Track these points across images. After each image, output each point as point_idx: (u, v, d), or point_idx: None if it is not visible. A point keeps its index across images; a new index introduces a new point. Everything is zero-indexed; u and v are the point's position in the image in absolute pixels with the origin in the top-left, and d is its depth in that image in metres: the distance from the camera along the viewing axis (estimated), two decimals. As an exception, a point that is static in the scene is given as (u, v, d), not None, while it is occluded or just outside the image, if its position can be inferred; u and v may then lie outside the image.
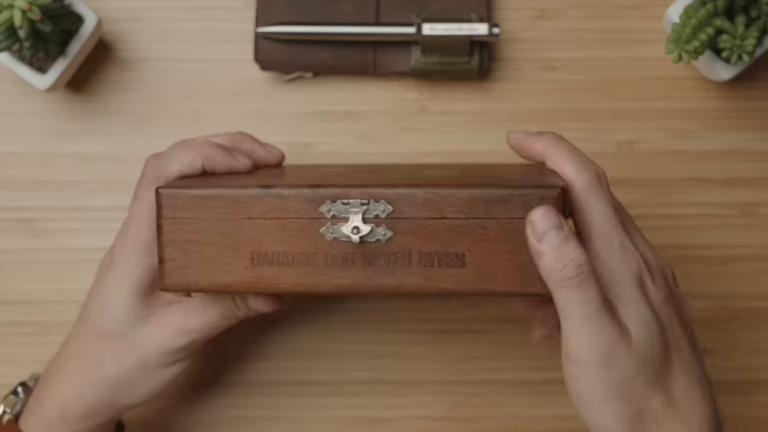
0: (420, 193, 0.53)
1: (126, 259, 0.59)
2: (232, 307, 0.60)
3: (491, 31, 0.70)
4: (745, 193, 0.73)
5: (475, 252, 0.53)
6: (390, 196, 0.53)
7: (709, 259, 0.73)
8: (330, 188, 0.53)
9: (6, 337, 0.72)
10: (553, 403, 0.73)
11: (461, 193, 0.53)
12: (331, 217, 0.53)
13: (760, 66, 0.73)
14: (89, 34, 0.69)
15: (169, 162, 0.58)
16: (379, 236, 0.53)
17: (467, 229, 0.53)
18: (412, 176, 0.58)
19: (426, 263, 0.53)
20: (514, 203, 0.52)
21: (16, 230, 0.73)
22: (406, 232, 0.53)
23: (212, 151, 0.59)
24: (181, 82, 0.74)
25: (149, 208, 0.58)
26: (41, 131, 0.73)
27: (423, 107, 0.73)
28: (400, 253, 0.53)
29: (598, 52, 0.74)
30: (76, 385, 0.60)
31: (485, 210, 0.53)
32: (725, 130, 0.73)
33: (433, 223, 0.53)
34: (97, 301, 0.60)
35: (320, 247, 0.54)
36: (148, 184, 0.58)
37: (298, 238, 0.54)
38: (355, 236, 0.53)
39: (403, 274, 0.53)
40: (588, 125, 0.73)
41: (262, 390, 0.72)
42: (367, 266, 0.54)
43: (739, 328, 0.73)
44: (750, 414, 0.73)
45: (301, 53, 0.72)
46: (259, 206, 0.54)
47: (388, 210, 0.53)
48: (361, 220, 0.53)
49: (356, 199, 0.53)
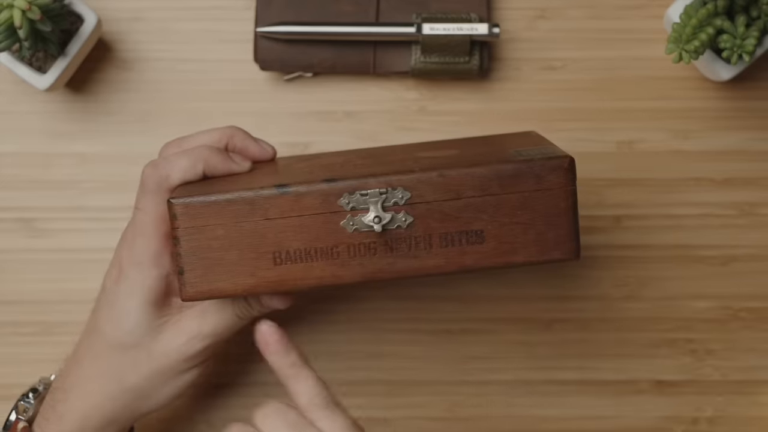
0: (436, 177, 0.54)
1: (136, 270, 0.59)
2: (247, 307, 0.60)
3: (491, 30, 0.70)
4: (745, 193, 0.73)
5: (493, 227, 0.55)
6: (407, 182, 0.54)
7: (709, 259, 0.73)
8: (347, 180, 0.54)
9: (6, 337, 0.72)
10: (553, 403, 0.73)
11: (476, 173, 0.54)
12: (350, 209, 0.54)
13: (760, 66, 0.73)
14: (89, 34, 0.69)
15: (170, 170, 0.58)
16: (400, 222, 0.54)
17: (484, 206, 0.55)
18: (415, 159, 0.59)
19: (447, 243, 0.55)
20: (527, 176, 0.54)
21: (16, 230, 0.73)
22: (425, 216, 0.54)
23: (211, 156, 0.59)
24: (181, 82, 0.73)
25: (155, 218, 0.58)
26: (41, 131, 0.73)
27: (423, 107, 0.73)
28: (421, 236, 0.55)
29: (598, 52, 0.73)
30: (95, 398, 0.60)
31: (500, 186, 0.54)
32: (725, 130, 0.73)
33: (451, 204, 0.54)
34: (110, 314, 0.60)
35: (342, 240, 0.54)
36: (150, 193, 0.58)
37: (319, 233, 0.54)
38: (377, 225, 0.54)
39: (425, 256, 0.55)
40: (588, 125, 0.73)
41: (262, 390, 0.72)
42: (389, 253, 0.55)
43: (739, 328, 0.73)
44: (750, 414, 0.73)
45: (300, 53, 0.72)
46: (276, 206, 0.54)
47: (407, 196, 0.54)
48: (381, 208, 0.54)
49: (374, 189, 0.54)
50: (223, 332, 0.60)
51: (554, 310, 0.73)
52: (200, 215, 0.54)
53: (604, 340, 0.73)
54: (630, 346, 0.73)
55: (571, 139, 0.73)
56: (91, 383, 0.60)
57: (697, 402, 0.73)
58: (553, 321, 0.73)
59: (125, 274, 0.59)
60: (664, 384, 0.73)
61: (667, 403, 0.73)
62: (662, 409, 0.73)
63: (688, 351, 0.73)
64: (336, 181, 0.54)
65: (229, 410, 0.72)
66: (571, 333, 0.73)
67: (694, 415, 0.73)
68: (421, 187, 0.54)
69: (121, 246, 0.61)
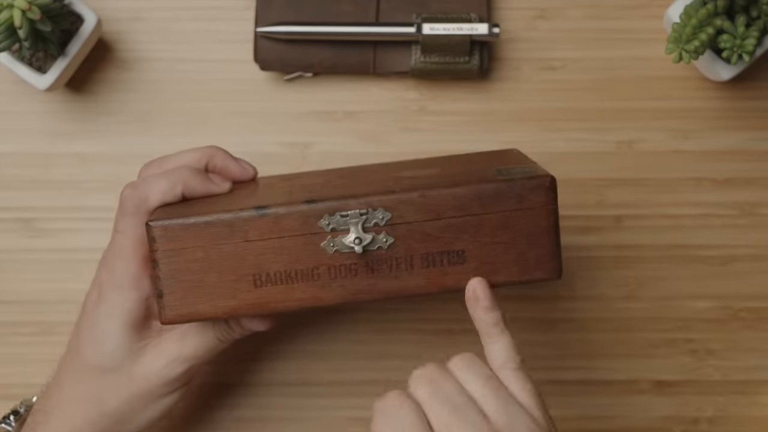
0: (417, 198, 0.54)
1: (116, 294, 0.58)
2: (228, 330, 0.60)
3: (491, 30, 0.70)
4: (745, 193, 0.73)
5: (474, 247, 0.54)
6: (387, 203, 0.54)
7: (709, 259, 0.73)
8: (327, 202, 0.54)
9: (6, 337, 0.72)
10: (553, 403, 0.72)
11: (456, 193, 0.54)
12: (330, 230, 0.54)
13: (760, 66, 0.73)
14: (89, 33, 0.69)
15: (149, 192, 0.58)
16: (381, 243, 0.54)
17: (465, 226, 0.54)
18: (395, 179, 0.58)
19: (428, 264, 0.54)
20: (507, 196, 0.54)
21: (16, 230, 0.73)
22: (406, 237, 0.54)
23: (190, 177, 0.58)
24: (181, 82, 0.73)
25: (134, 241, 0.58)
26: (41, 131, 0.73)
27: (423, 107, 0.73)
28: (402, 257, 0.54)
29: (599, 52, 0.73)
30: (75, 422, 0.60)
31: (480, 206, 0.54)
32: (725, 130, 0.73)
33: (432, 225, 0.54)
34: (90, 338, 0.59)
35: (322, 261, 0.54)
36: (129, 216, 0.58)
37: (300, 255, 0.54)
38: (357, 247, 0.53)
39: (406, 277, 0.55)
40: (588, 125, 0.73)
41: (262, 390, 0.72)
42: (370, 274, 0.54)
43: (739, 328, 0.73)
44: (750, 414, 0.73)
45: (300, 53, 0.72)
46: (256, 228, 0.54)
47: (387, 217, 0.54)
48: (361, 229, 0.54)
49: (355, 210, 0.54)
50: (203, 355, 0.60)
51: (554, 310, 0.73)
52: (179, 238, 0.54)
53: (604, 340, 0.73)
54: (630, 346, 0.73)
55: (571, 139, 0.73)
56: (71, 406, 0.60)
57: (698, 402, 0.73)
58: (553, 321, 0.73)
59: (105, 296, 0.59)
60: (664, 384, 0.73)
61: (667, 403, 0.73)
62: (662, 409, 0.73)
63: (688, 351, 0.73)
64: (316, 202, 0.54)
65: (231, 410, 0.72)
66: (571, 333, 0.73)
67: (694, 415, 0.73)
68: (401, 207, 0.54)
69: (100, 268, 0.60)
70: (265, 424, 0.72)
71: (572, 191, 0.73)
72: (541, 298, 0.73)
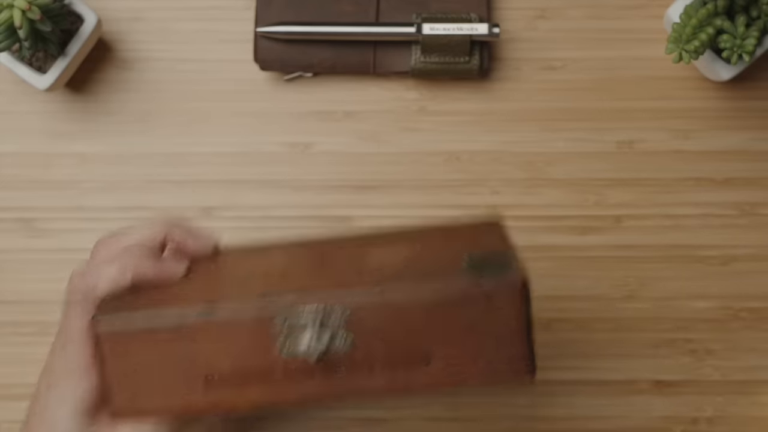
0: (378, 294, 0.49)
1: (67, 380, 0.56)
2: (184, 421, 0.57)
3: (491, 30, 0.70)
4: (745, 193, 0.73)
5: (440, 348, 0.50)
6: (347, 299, 0.49)
7: (709, 259, 0.73)
8: (281, 296, 0.50)
9: (6, 337, 0.72)
10: (552, 403, 0.72)
11: (421, 293, 0.49)
12: (286, 328, 0.50)
13: (760, 66, 0.73)
14: (89, 34, 0.69)
15: (97, 281, 0.56)
16: (339, 342, 0.50)
17: (430, 326, 0.50)
18: (360, 266, 0.54)
19: (390, 366, 0.50)
20: (475, 298, 0.50)
21: (16, 230, 0.73)
22: (366, 336, 0.50)
23: (141, 263, 0.56)
24: (181, 82, 0.74)
25: (82, 328, 0.55)
26: (41, 131, 0.73)
27: (423, 107, 0.73)
28: (362, 358, 0.50)
29: (598, 52, 0.74)
30: None
31: (446, 307, 0.50)
32: (725, 130, 0.73)
33: (394, 324, 0.50)
34: (42, 419, 0.57)
35: (277, 362, 0.50)
36: (77, 303, 0.56)
37: (252, 356, 0.50)
38: (313, 347, 0.49)
39: (366, 379, 0.50)
40: (588, 125, 0.73)
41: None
42: (328, 376, 0.50)
43: (739, 328, 0.73)
44: (750, 414, 0.73)
45: (300, 53, 0.72)
46: (203, 331, 0.50)
47: (346, 314, 0.49)
48: (318, 328, 0.49)
49: (312, 305, 0.49)
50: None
51: (554, 310, 0.73)
52: (123, 341, 0.51)
53: (603, 340, 0.73)
54: (629, 346, 0.73)
55: (571, 139, 0.73)
56: None
57: (697, 402, 0.73)
58: (552, 321, 0.73)
59: (56, 382, 0.56)
60: (664, 384, 0.73)
61: (666, 403, 0.73)
62: (662, 409, 0.73)
63: (687, 351, 0.73)
64: (271, 296, 0.50)
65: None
66: (570, 333, 0.73)
67: (693, 415, 0.73)
68: (362, 305, 0.49)
69: (52, 352, 0.58)
70: (264, 424, 0.72)
71: (572, 191, 0.73)
72: (540, 298, 0.73)
